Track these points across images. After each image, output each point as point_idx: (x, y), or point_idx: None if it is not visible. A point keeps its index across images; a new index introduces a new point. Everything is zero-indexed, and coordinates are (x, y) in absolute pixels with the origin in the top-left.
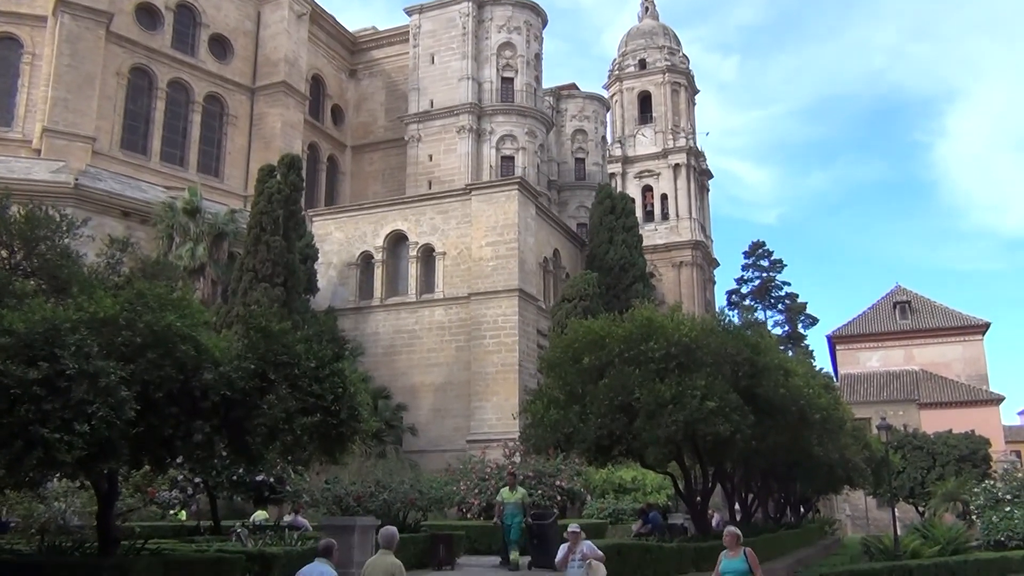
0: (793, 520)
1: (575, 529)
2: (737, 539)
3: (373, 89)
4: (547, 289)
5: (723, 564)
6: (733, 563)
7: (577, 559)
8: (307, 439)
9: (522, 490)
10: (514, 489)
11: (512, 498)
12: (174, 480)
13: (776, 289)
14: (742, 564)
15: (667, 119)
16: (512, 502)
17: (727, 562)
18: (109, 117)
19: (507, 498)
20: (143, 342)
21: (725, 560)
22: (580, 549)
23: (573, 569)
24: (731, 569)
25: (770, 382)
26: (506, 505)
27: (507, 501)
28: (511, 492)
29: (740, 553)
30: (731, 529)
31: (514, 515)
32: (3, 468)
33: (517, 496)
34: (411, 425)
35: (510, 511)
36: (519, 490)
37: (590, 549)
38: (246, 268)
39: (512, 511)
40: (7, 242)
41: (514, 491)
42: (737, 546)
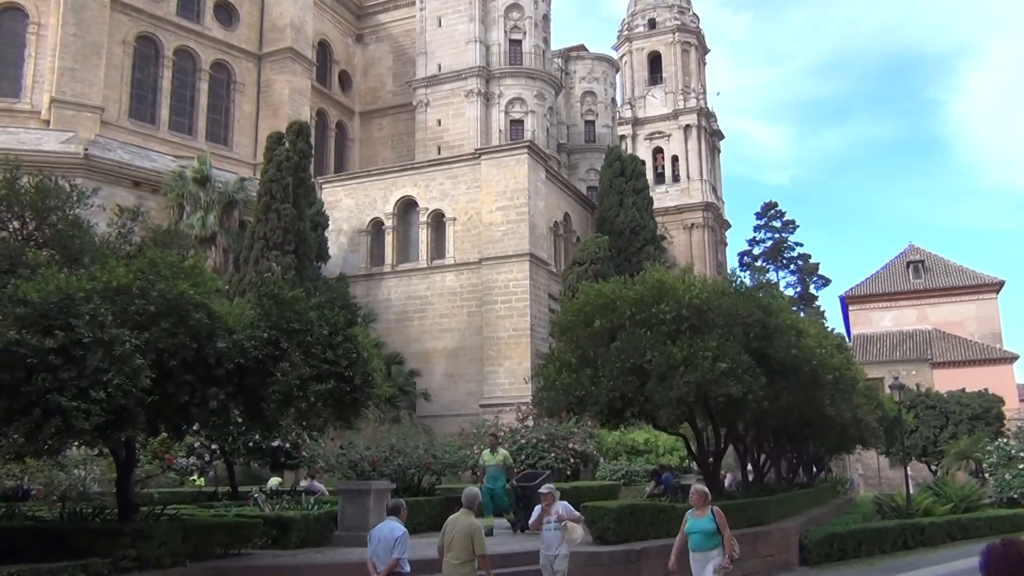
0: (805, 480)
1: (547, 489)
2: (704, 498)
3: (380, 54)
4: (558, 253)
5: (689, 524)
6: (700, 523)
7: (552, 520)
8: (322, 405)
9: (504, 451)
10: (495, 451)
11: (493, 460)
12: (191, 447)
13: (788, 250)
14: (709, 523)
15: (677, 79)
16: (493, 464)
17: (693, 522)
18: (116, 86)
19: (488, 460)
20: (157, 310)
21: (691, 520)
22: (555, 510)
23: (548, 531)
24: (698, 529)
25: (782, 343)
26: (487, 468)
27: (488, 464)
28: (492, 454)
29: (707, 512)
30: (697, 487)
31: (496, 478)
32: (23, 436)
33: (498, 458)
34: (424, 390)
35: (491, 474)
36: (500, 451)
37: (566, 510)
38: (257, 236)
39: (493, 474)
40: (19, 213)
41: (495, 453)
42: (704, 505)
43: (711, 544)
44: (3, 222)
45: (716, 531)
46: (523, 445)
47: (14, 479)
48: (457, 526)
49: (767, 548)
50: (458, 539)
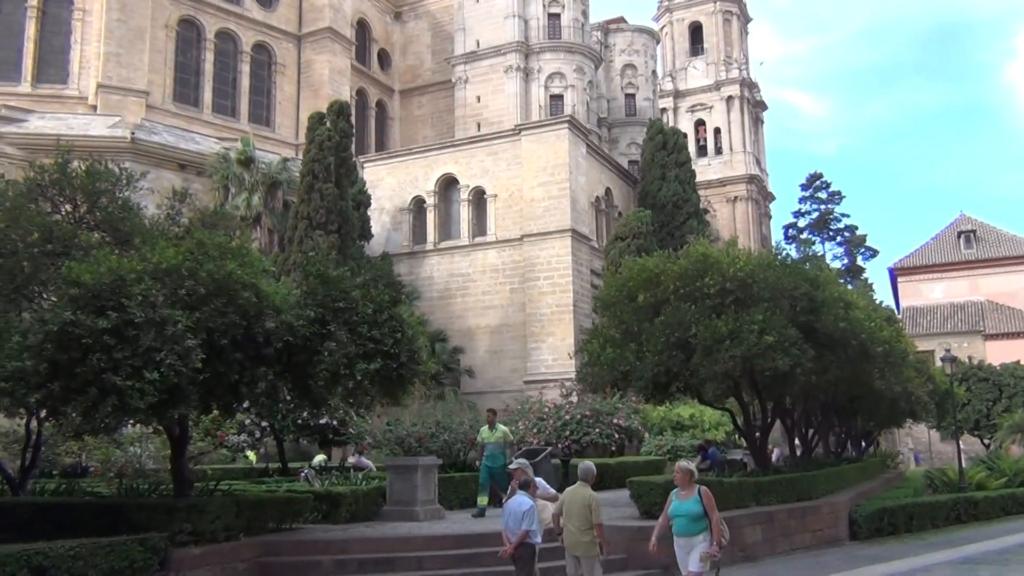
0: (854, 454)
1: (516, 465)
2: (690, 476)
3: (419, 31)
4: (600, 228)
5: (673, 506)
6: (685, 504)
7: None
8: (368, 383)
9: (503, 428)
10: (494, 427)
11: (492, 437)
12: (242, 424)
13: (835, 221)
14: (695, 505)
15: (719, 50)
16: (492, 441)
17: (678, 503)
18: (160, 70)
19: (486, 437)
20: (206, 291)
21: (676, 501)
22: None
23: None
24: (682, 512)
25: (830, 316)
26: (486, 445)
27: (487, 441)
28: (491, 431)
29: (694, 493)
30: (681, 464)
31: (495, 456)
32: (80, 415)
33: (497, 435)
34: (468, 367)
35: (490, 451)
36: (499, 428)
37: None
38: (300, 216)
39: (492, 451)
40: (71, 196)
41: (494, 430)
42: (690, 485)
43: (697, 529)
44: (56, 205)
45: (703, 514)
46: (567, 421)
47: (73, 456)
48: (576, 498)
49: (816, 523)
50: (576, 510)
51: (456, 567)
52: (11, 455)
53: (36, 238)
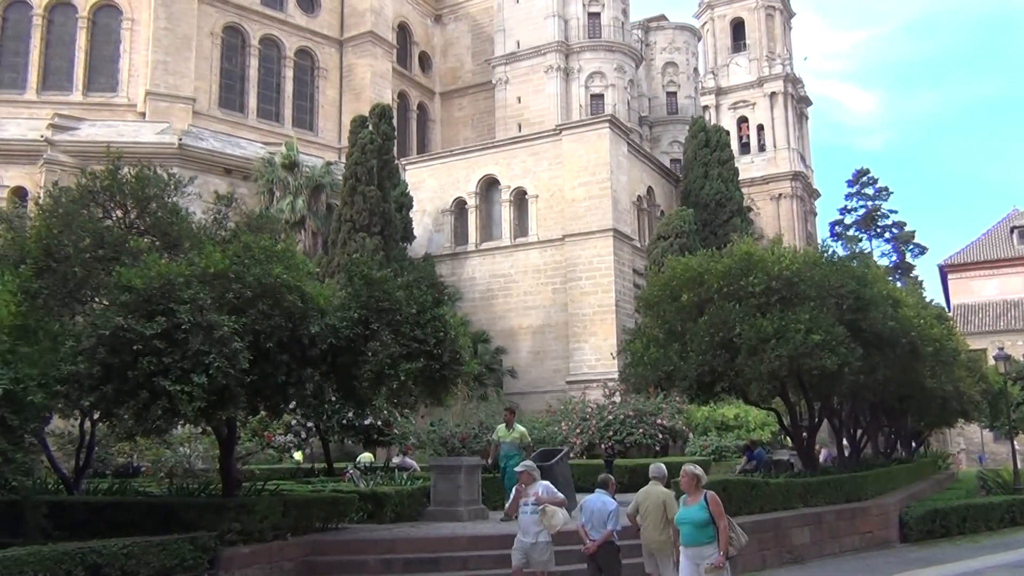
0: (904, 455)
1: (523, 467)
2: (695, 480)
3: (459, 33)
4: (642, 228)
5: (679, 513)
6: (690, 511)
7: (530, 503)
8: (412, 383)
9: (521, 428)
10: (511, 427)
11: (508, 437)
12: (288, 425)
13: (882, 218)
14: (701, 512)
15: (762, 46)
16: (508, 441)
17: (684, 510)
18: (206, 77)
19: (502, 436)
20: (252, 294)
21: (682, 508)
22: (534, 491)
23: (525, 516)
24: (687, 519)
25: (878, 314)
26: (501, 445)
27: (503, 440)
28: (508, 430)
29: (700, 498)
30: (688, 468)
31: (510, 457)
32: (132, 417)
33: (515, 435)
34: (511, 368)
35: (505, 452)
36: (517, 428)
37: (546, 491)
38: (344, 219)
39: (508, 452)
40: (121, 202)
41: (511, 429)
42: (697, 490)
43: (704, 538)
44: (107, 211)
45: (710, 521)
46: (611, 421)
47: (125, 456)
48: (650, 497)
49: (865, 524)
50: (652, 509)
51: (500, 567)
52: (66, 455)
53: (88, 244)
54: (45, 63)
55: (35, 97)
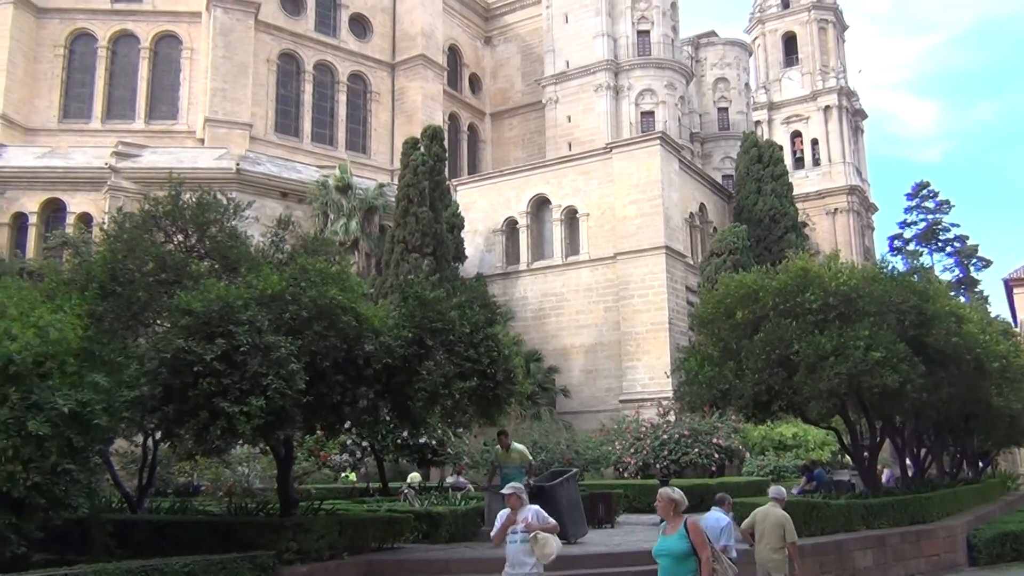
0: (971, 475)
1: (511, 490)
2: (675, 506)
3: (509, 54)
4: (694, 245)
5: (659, 543)
6: (669, 541)
7: (519, 529)
8: (466, 402)
9: (520, 447)
10: (508, 448)
11: (507, 459)
12: (344, 444)
13: (944, 232)
14: (681, 543)
15: (814, 59)
16: (509, 463)
17: (662, 540)
18: (263, 103)
19: (501, 459)
20: (308, 315)
21: (661, 537)
22: (523, 517)
23: (513, 544)
24: (666, 550)
25: (941, 330)
26: (503, 467)
27: (503, 463)
28: (506, 452)
29: (680, 526)
30: (665, 492)
31: (510, 478)
32: (192, 438)
33: (513, 456)
34: (563, 387)
35: (508, 473)
36: (516, 448)
37: (537, 516)
38: (397, 240)
39: (510, 473)
40: (182, 227)
41: (509, 451)
42: (675, 517)
43: (685, 571)
44: (169, 236)
45: (691, 552)
46: (665, 441)
47: (186, 476)
48: (769, 517)
49: (932, 547)
50: (770, 528)
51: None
52: (129, 474)
53: (151, 268)
54: (109, 93)
55: (100, 126)
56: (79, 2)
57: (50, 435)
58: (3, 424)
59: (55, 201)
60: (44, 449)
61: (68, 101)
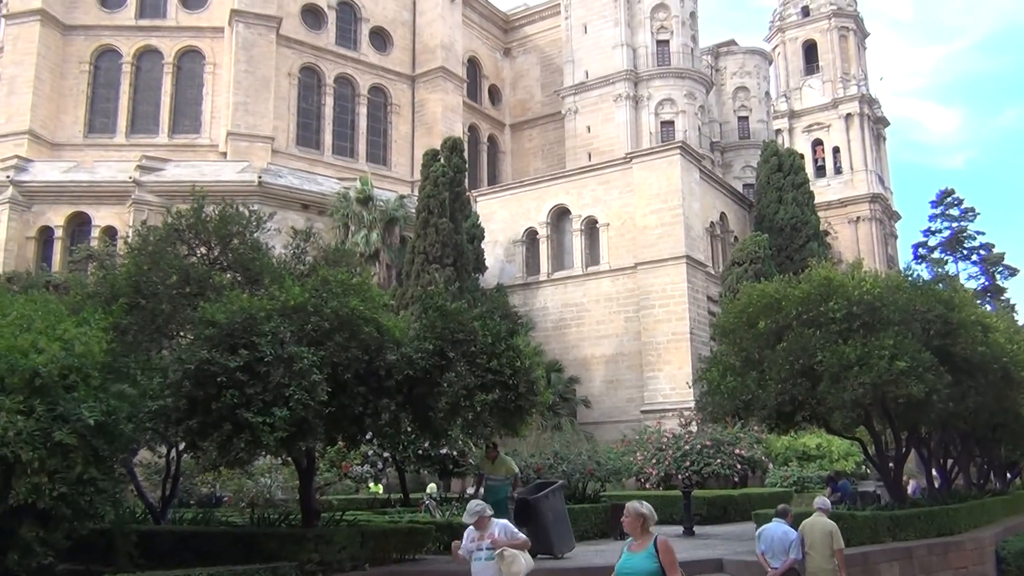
0: (999, 486)
1: (472, 518)
2: (643, 522)
3: (528, 65)
4: (715, 254)
5: (622, 559)
6: (635, 559)
7: (484, 546)
8: (488, 414)
9: (507, 459)
10: (495, 460)
11: (493, 470)
12: (365, 455)
13: (969, 240)
14: (649, 561)
15: (835, 67)
16: (495, 476)
17: (627, 557)
18: (284, 116)
19: (487, 470)
20: (330, 326)
21: (626, 554)
22: (489, 533)
23: (478, 563)
24: (631, 569)
25: (967, 339)
26: (488, 480)
27: (489, 475)
28: (492, 464)
29: (649, 544)
30: (633, 506)
31: (499, 492)
32: (216, 449)
33: (500, 468)
34: (584, 397)
35: (492, 486)
36: (506, 460)
37: (504, 532)
38: (417, 251)
39: (495, 486)
40: (205, 239)
41: (495, 462)
42: (644, 533)
43: None
44: (192, 248)
45: (659, 572)
46: (687, 451)
47: (209, 487)
48: (816, 527)
49: (959, 560)
50: (820, 539)
51: None
52: (152, 485)
53: (175, 280)
54: (133, 108)
55: (124, 140)
56: (104, 19)
57: (76, 445)
58: (29, 435)
59: (80, 215)
60: (69, 460)
61: (93, 116)
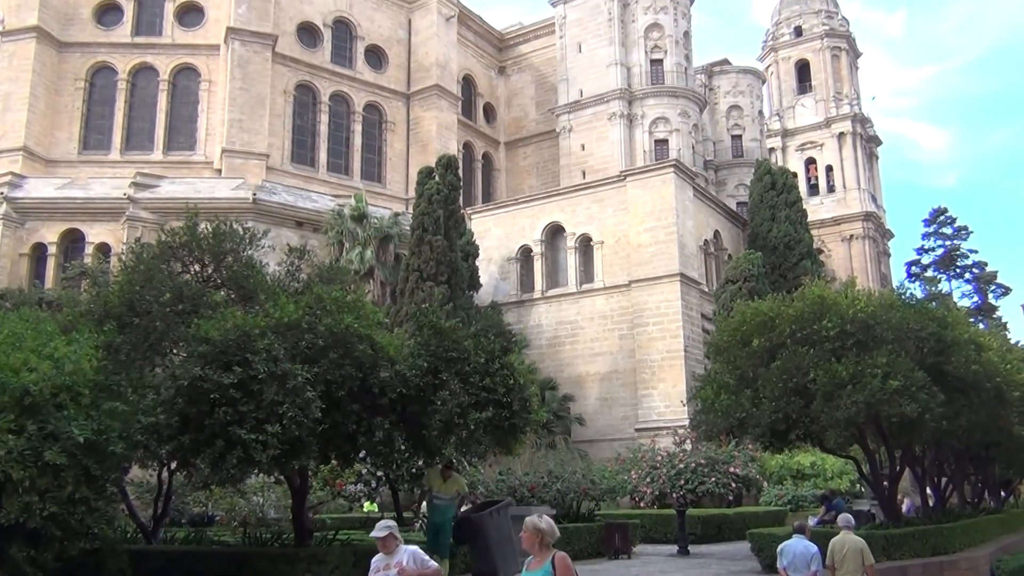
0: (993, 505)
1: (382, 533)
2: (541, 538)
3: (522, 84)
4: (709, 272)
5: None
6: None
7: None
8: (481, 432)
9: (461, 479)
10: (447, 478)
11: (444, 489)
12: (359, 474)
13: (962, 258)
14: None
15: (828, 86)
16: (445, 496)
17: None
18: (279, 133)
19: (438, 489)
20: (324, 344)
21: (524, 573)
22: (397, 560)
23: None
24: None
25: (960, 358)
26: (437, 498)
27: (439, 494)
28: (444, 482)
29: (546, 562)
30: (531, 521)
31: (446, 512)
32: (208, 467)
33: (451, 488)
34: (579, 415)
35: (442, 505)
36: (458, 479)
37: (412, 559)
38: (411, 268)
39: (444, 505)
40: (199, 257)
41: (447, 481)
42: (543, 550)
43: None
44: (186, 266)
45: None
46: (682, 470)
47: (201, 505)
48: (847, 544)
49: None
50: (851, 555)
51: None
52: (144, 504)
53: (168, 298)
54: (128, 124)
55: (119, 157)
56: (100, 36)
57: (66, 464)
58: (20, 455)
59: (74, 231)
60: (60, 479)
61: (88, 133)
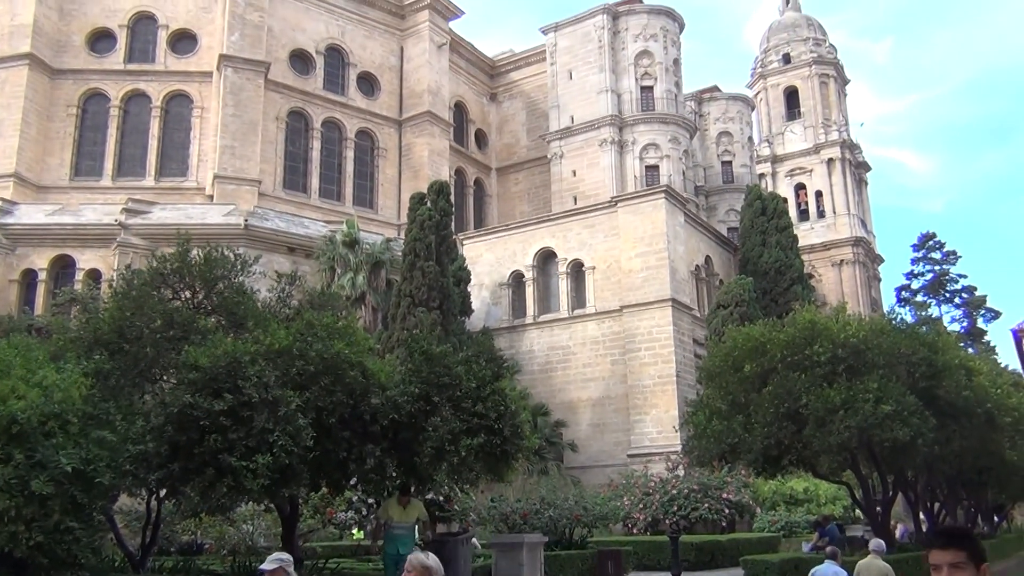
0: (986, 529)
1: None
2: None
3: (514, 110)
4: (700, 297)
5: None
6: None
7: None
8: (473, 459)
9: (419, 504)
10: (406, 505)
11: (404, 516)
12: (350, 501)
13: (952, 283)
14: None
15: (816, 113)
16: (404, 524)
17: None
18: (271, 160)
19: (396, 517)
20: (315, 370)
21: None
22: None
23: None
24: None
25: (952, 383)
26: (395, 528)
27: (397, 523)
28: (403, 510)
29: None
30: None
31: (404, 541)
32: (198, 495)
33: (410, 515)
34: (571, 441)
35: (399, 535)
36: (418, 505)
37: None
38: (403, 294)
39: (403, 535)
40: (190, 283)
41: (408, 508)
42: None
43: None
44: (176, 292)
45: None
46: (674, 496)
47: (190, 534)
48: (871, 569)
49: None
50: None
51: None
52: (132, 532)
53: (159, 325)
54: (120, 151)
55: (110, 183)
56: (93, 63)
57: (53, 494)
58: (6, 484)
59: (64, 257)
60: (47, 508)
61: (80, 159)
